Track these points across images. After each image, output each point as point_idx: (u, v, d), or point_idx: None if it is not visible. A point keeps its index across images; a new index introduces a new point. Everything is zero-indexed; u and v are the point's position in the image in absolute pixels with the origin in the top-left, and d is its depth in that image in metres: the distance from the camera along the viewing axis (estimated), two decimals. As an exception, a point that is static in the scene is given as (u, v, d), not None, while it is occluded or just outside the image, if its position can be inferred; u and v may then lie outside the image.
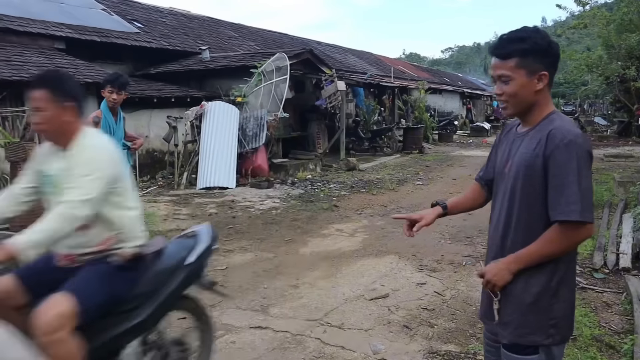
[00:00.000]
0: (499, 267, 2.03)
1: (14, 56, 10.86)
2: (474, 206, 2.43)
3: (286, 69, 12.55)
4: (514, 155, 2.06)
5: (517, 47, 1.96)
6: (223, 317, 4.42)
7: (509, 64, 1.97)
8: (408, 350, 3.85)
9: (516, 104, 2.02)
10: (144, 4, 19.47)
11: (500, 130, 2.37)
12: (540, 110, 2.02)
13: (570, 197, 1.88)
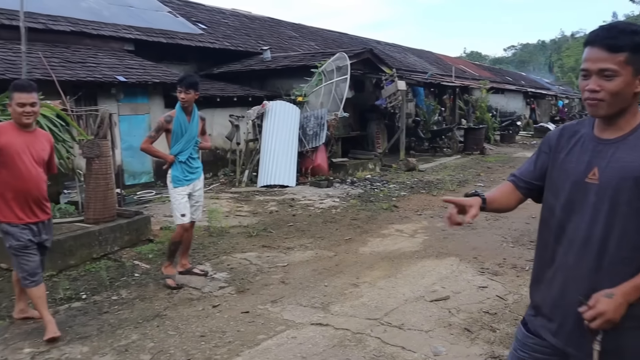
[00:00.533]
0: (618, 302, 1.73)
1: (89, 58, 11.41)
2: (507, 207, 2.17)
3: (346, 69, 12.60)
4: (605, 164, 1.81)
5: (630, 41, 1.72)
6: (284, 312, 4.52)
7: (618, 58, 1.72)
8: (469, 353, 3.82)
9: (614, 104, 1.77)
10: (208, 6, 19.98)
11: (554, 133, 2.09)
12: (634, 115, 1.81)
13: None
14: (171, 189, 5.19)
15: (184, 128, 5.15)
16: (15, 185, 3.87)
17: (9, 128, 3.92)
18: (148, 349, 3.83)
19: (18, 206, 3.90)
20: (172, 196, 5.22)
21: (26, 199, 3.93)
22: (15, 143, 3.87)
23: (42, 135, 4.17)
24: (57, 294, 4.90)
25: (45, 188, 4.10)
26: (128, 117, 10.91)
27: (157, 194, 10.18)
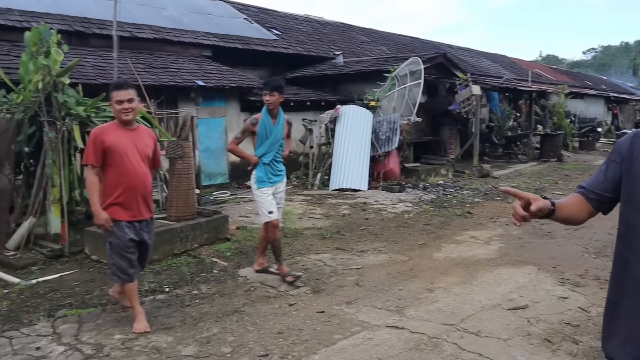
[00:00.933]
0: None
1: (170, 63, 11.93)
2: (578, 218, 1.99)
3: (419, 73, 12.51)
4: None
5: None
6: (359, 314, 4.55)
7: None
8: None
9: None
10: (282, 12, 20.38)
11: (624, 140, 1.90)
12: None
13: None
14: (255, 189, 5.33)
15: (268, 131, 5.28)
16: (123, 183, 4.01)
17: (112, 128, 4.09)
18: (229, 342, 3.97)
19: (125, 204, 4.04)
20: (257, 195, 5.34)
21: (134, 197, 4.06)
22: (121, 142, 4.01)
23: (144, 132, 4.30)
24: (142, 286, 5.15)
25: (151, 185, 4.25)
26: (206, 120, 11.30)
27: (231, 195, 10.49)
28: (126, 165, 4.01)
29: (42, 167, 6.27)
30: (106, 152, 3.98)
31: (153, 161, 4.31)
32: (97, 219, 4.04)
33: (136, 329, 4.10)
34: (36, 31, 6.13)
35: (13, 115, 6.34)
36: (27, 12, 11.12)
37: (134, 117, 4.12)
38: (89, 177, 4.04)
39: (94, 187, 4.02)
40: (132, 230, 4.10)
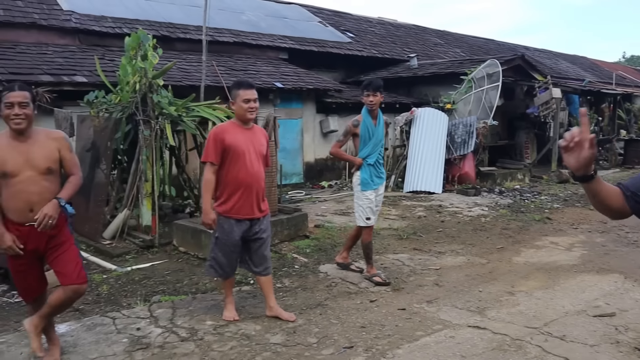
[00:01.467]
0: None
1: (249, 66, 12.34)
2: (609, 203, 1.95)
3: (497, 76, 12.30)
4: None
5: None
6: (440, 313, 4.59)
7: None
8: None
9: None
10: (355, 15, 20.53)
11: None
12: None
13: None
14: (359, 191, 5.32)
15: (370, 132, 5.31)
16: (239, 181, 4.07)
17: (232, 127, 4.16)
18: (314, 333, 4.12)
19: (239, 202, 4.10)
20: (359, 198, 5.33)
21: (249, 195, 4.12)
22: (240, 141, 4.09)
23: (259, 131, 4.37)
24: (229, 278, 5.41)
25: (264, 184, 4.29)
26: (283, 121, 11.53)
27: (306, 195, 10.71)
28: (244, 163, 4.08)
29: (137, 163, 6.69)
30: (225, 151, 4.05)
31: (264, 160, 4.35)
32: (205, 217, 4.12)
33: (225, 317, 4.31)
34: (135, 36, 6.55)
35: (111, 114, 6.79)
36: (119, 19, 11.84)
37: (255, 116, 4.25)
38: (207, 175, 4.10)
39: (210, 185, 4.10)
40: (241, 229, 4.16)
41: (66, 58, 9.59)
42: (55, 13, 11.05)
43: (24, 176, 3.21)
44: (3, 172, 3.18)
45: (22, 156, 3.22)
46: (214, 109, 7.40)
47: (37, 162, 3.25)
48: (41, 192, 3.25)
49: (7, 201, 3.24)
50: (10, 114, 3.16)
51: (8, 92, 3.21)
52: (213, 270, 4.33)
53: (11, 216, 3.25)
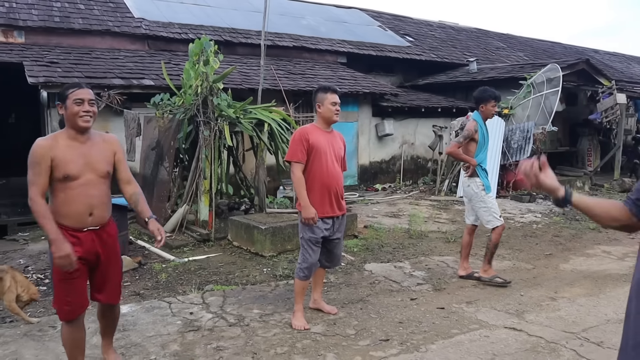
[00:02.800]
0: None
1: (307, 70, 12.67)
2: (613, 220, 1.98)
3: (558, 81, 12.07)
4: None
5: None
6: (478, 313, 4.71)
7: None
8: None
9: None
10: (415, 19, 20.55)
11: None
12: None
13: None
14: (484, 195, 5.57)
15: (486, 138, 5.61)
16: (320, 181, 4.27)
17: (313, 129, 4.36)
18: (353, 326, 4.35)
19: (321, 201, 4.28)
20: (486, 202, 5.58)
21: (328, 194, 4.30)
22: (322, 142, 4.29)
23: (338, 135, 4.54)
24: (277, 271, 5.73)
25: (342, 185, 4.46)
26: (339, 124, 11.71)
27: (359, 197, 10.93)
28: (325, 164, 4.27)
29: (196, 162, 7.13)
30: (309, 150, 4.24)
31: (342, 163, 4.52)
32: (306, 212, 4.21)
33: (295, 326, 4.27)
34: (199, 43, 6.99)
35: (175, 115, 7.27)
36: (185, 25, 12.47)
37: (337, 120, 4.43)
38: (297, 173, 4.25)
39: (301, 182, 4.24)
40: (325, 227, 4.32)
41: (136, 62, 10.24)
42: (127, 20, 11.78)
43: (84, 179, 3.08)
44: (65, 175, 3.03)
45: (83, 159, 3.09)
46: (270, 111, 7.74)
47: (97, 166, 3.15)
48: (100, 196, 3.17)
49: (65, 205, 3.07)
50: (79, 111, 3.04)
51: (76, 89, 3.12)
52: (303, 274, 4.36)
53: (68, 222, 3.07)
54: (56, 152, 3.01)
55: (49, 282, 5.42)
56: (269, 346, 3.94)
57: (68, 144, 3.07)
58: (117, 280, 3.38)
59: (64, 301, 3.11)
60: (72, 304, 3.12)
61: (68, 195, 3.05)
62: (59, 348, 3.85)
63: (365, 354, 3.86)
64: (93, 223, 3.13)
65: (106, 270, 3.25)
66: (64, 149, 3.05)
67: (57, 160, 3.00)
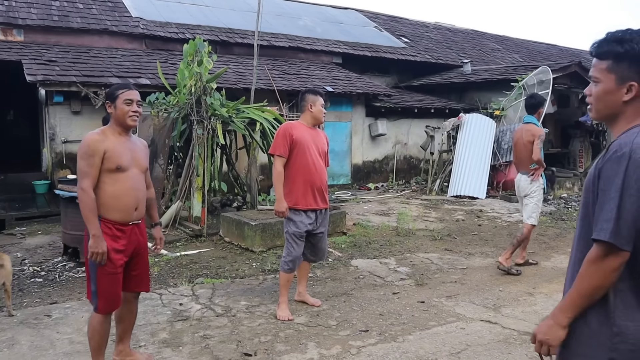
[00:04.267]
0: (548, 324, 1.80)
1: (302, 70, 12.87)
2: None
3: (549, 83, 12.27)
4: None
5: (612, 49, 1.75)
6: (457, 307, 4.90)
7: (601, 66, 1.78)
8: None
9: (598, 110, 1.84)
10: (412, 20, 20.73)
11: None
12: (627, 122, 1.78)
13: (605, 213, 1.64)
14: (541, 194, 6.11)
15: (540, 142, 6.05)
16: (303, 175, 4.47)
17: (299, 125, 4.60)
18: (335, 317, 4.55)
19: (305, 194, 4.49)
20: (539, 200, 6.16)
21: (312, 188, 4.51)
22: (306, 137, 4.52)
23: (322, 133, 4.82)
24: (266, 266, 5.93)
25: (326, 179, 4.68)
26: (332, 123, 12.05)
27: (352, 195, 11.12)
28: (307, 159, 4.49)
29: (190, 159, 7.33)
30: (292, 145, 4.45)
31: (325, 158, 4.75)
32: (278, 206, 4.44)
33: (280, 317, 4.45)
34: (193, 44, 7.18)
35: (169, 114, 7.46)
36: (182, 25, 12.66)
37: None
38: (277, 167, 4.47)
39: (280, 176, 4.46)
40: (308, 221, 4.52)
41: (133, 61, 10.43)
42: (125, 20, 11.97)
43: (132, 172, 3.29)
44: (118, 166, 3.20)
45: (130, 153, 3.30)
46: (263, 111, 7.93)
47: (141, 161, 3.38)
48: (143, 191, 3.41)
49: (115, 198, 3.21)
50: (129, 111, 3.23)
51: (126, 89, 3.30)
52: (287, 267, 4.55)
53: (116, 216, 3.23)
54: (108, 145, 3.20)
55: (45, 275, 5.62)
56: (254, 335, 4.14)
57: (116, 139, 3.27)
58: (149, 271, 3.65)
59: (109, 294, 3.23)
60: (116, 296, 3.27)
61: (118, 188, 3.22)
62: (54, 335, 4.07)
63: (345, 343, 4.05)
64: (137, 217, 3.35)
65: (144, 261, 3.51)
66: (115, 142, 3.24)
67: (110, 152, 3.19)
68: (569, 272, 1.87)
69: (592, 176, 1.76)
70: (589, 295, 1.70)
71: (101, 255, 3.12)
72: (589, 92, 1.85)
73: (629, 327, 1.68)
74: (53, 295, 5.02)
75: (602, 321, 1.71)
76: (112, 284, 3.22)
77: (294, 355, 3.82)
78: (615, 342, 1.69)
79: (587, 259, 1.69)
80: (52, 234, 7.38)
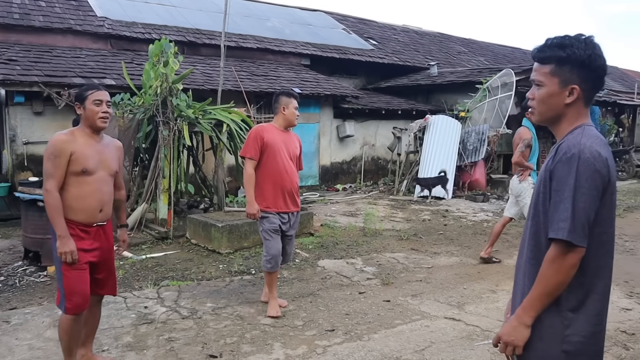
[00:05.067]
0: (513, 326, 1.82)
1: (270, 71, 12.85)
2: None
3: (512, 85, 12.53)
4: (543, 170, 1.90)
5: (554, 54, 1.82)
6: (422, 305, 4.97)
7: (544, 70, 1.84)
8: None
9: (541, 112, 1.89)
10: (380, 23, 20.91)
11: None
12: (569, 124, 1.86)
13: (561, 213, 1.71)
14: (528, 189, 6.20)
15: (536, 142, 6.28)
16: (274, 178, 4.48)
17: (270, 128, 4.59)
18: (301, 317, 4.56)
19: (275, 196, 4.51)
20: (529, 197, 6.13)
21: (282, 191, 4.52)
22: (277, 140, 4.51)
23: (294, 136, 4.78)
24: (233, 268, 5.91)
25: (297, 182, 4.69)
26: (300, 125, 11.98)
27: (320, 196, 11.15)
28: (278, 162, 4.50)
29: (156, 161, 7.25)
30: (263, 148, 4.45)
31: (298, 163, 4.78)
32: (249, 208, 4.46)
33: (270, 314, 4.50)
34: (158, 44, 7.11)
35: (135, 115, 7.36)
36: (148, 25, 12.51)
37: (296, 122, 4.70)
38: (248, 170, 4.48)
39: (251, 179, 4.48)
40: (280, 219, 4.56)
41: (98, 62, 10.26)
42: (89, 19, 11.77)
43: (99, 175, 3.26)
44: (84, 169, 3.18)
45: (98, 155, 3.27)
46: (230, 112, 7.90)
47: (109, 164, 3.34)
48: (110, 193, 3.38)
49: (79, 200, 3.20)
50: (99, 112, 3.21)
51: (95, 90, 3.27)
52: (270, 265, 4.56)
53: (79, 217, 3.22)
54: (75, 147, 3.17)
55: (4, 280, 5.49)
56: (219, 337, 4.12)
57: (85, 141, 3.23)
58: (115, 274, 3.60)
59: (76, 292, 3.18)
60: (84, 294, 3.21)
61: (83, 190, 3.20)
62: (12, 341, 3.98)
63: (311, 342, 4.07)
64: (102, 219, 3.32)
65: (110, 264, 3.48)
66: (83, 144, 3.21)
67: (77, 154, 3.16)
68: (521, 272, 1.93)
69: (542, 178, 1.83)
70: (552, 293, 1.76)
71: (70, 254, 3.10)
72: (532, 95, 1.90)
73: (579, 320, 1.78)
74: (12, 300, 4.90)
75: (554, 316, 1.79)
76: (78, 281, 3.19)
77: (260, 356, 3.82)
78: (567, 335, 1.78)
79: (547, 258, 1.75)
80: (12, 238, 7.21)
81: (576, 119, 1.85)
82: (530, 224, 1.88)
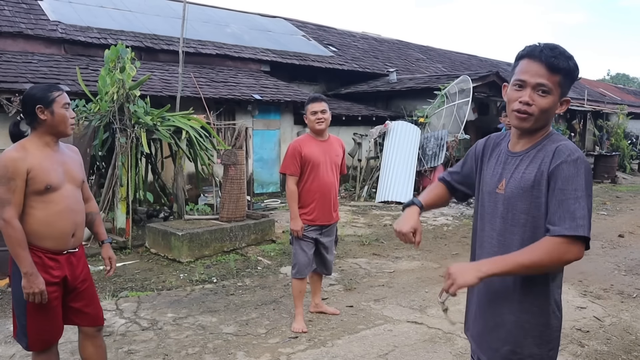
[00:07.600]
0: (468, 266, 1.85)
1: (230, 78, 12.76)
2: (442, 205, 2.32)
3: (469, 91, 12.81)
4: (510, 175, 1.93)
5: (567, 66, 1.81)
6: (384, 310, 5.00)
7: (555, 78, 1.81)
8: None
9: (540, 120, 1.87)
10: (339, 30, 21.07)
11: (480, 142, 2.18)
12: (544, 131, 1.91)
13: (578, 211, 1.73)
14: None
15: None
16: (315, 191, 4.38)
17: (307, 140, 4.43)
18: (264, 325, 4.52)
19: (317, 210, 4.40)
20: None
21: (324, 203, 4.42)
22: (316, 153, 4.37)
23: (335, 141, 4.59)
24: (194, 277, 5.81)
25: (337, 193, 4.55)
26: (261, 131, 12.02)
27: (281, 203, 11.11)
28: (319, 175, 4.38)
29: (113, 169, 7.08)
30: (303, 162, 4.35)
31: (340, 168, 4.60)
32: (294, 224, 4.39)
33: (295, 329, 4.39)
34: (114, 49, 6.96)
35: (90, 122, 7.18)
36: (104, 30, 12.24)
37: (326, 127, 4.40)
38: (290, 186, 4.39)
39: (294, 195, 4.38)
40: (317, 233, 4.47)
41: (51, 67, 9.98)
42: (42, 23, 11.44)
43: (66, 190, 2.77)
44: (47, 185, 2.67)
45: (61, 166, 2.77)
46: (189, 119, 7.80)
47: (74, 174, 2.85)
48: (82, 212, 2.89)
49: (47, 226, 2.71)
50: (69, 116, 2.78)
51: (61, 92, 2.79)
52: (296, 272, 4.49)
53: (48, 244, 2.73)
54: (32, 162, 2.66)
55: (-47, 294, 5.25)
56: (181, 347, 4.04)
57: (42, 152, 2.72)
58: (98, 300, 3.09)
59: (41, 332, 2.77)
60: (51, 333, 2.82)
61: (50, 211, 2.70)
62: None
63: (275, 350, 4.04)
64: (74, 244, 2.85)
65: (86, 291, 2.96)
66: (40, 157, 2.69)
67: (36, 171, 2.65)
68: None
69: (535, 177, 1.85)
70: (527, 267, 1.77)
71: (39, 295, 2.64)
72: (531, 100, 1.83)
73: (558, 302, 1.99)
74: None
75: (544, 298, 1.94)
76: (45, 320, 2.76)
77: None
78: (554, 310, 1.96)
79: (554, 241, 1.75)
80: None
81: (550, 126, 1.94)
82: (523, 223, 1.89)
